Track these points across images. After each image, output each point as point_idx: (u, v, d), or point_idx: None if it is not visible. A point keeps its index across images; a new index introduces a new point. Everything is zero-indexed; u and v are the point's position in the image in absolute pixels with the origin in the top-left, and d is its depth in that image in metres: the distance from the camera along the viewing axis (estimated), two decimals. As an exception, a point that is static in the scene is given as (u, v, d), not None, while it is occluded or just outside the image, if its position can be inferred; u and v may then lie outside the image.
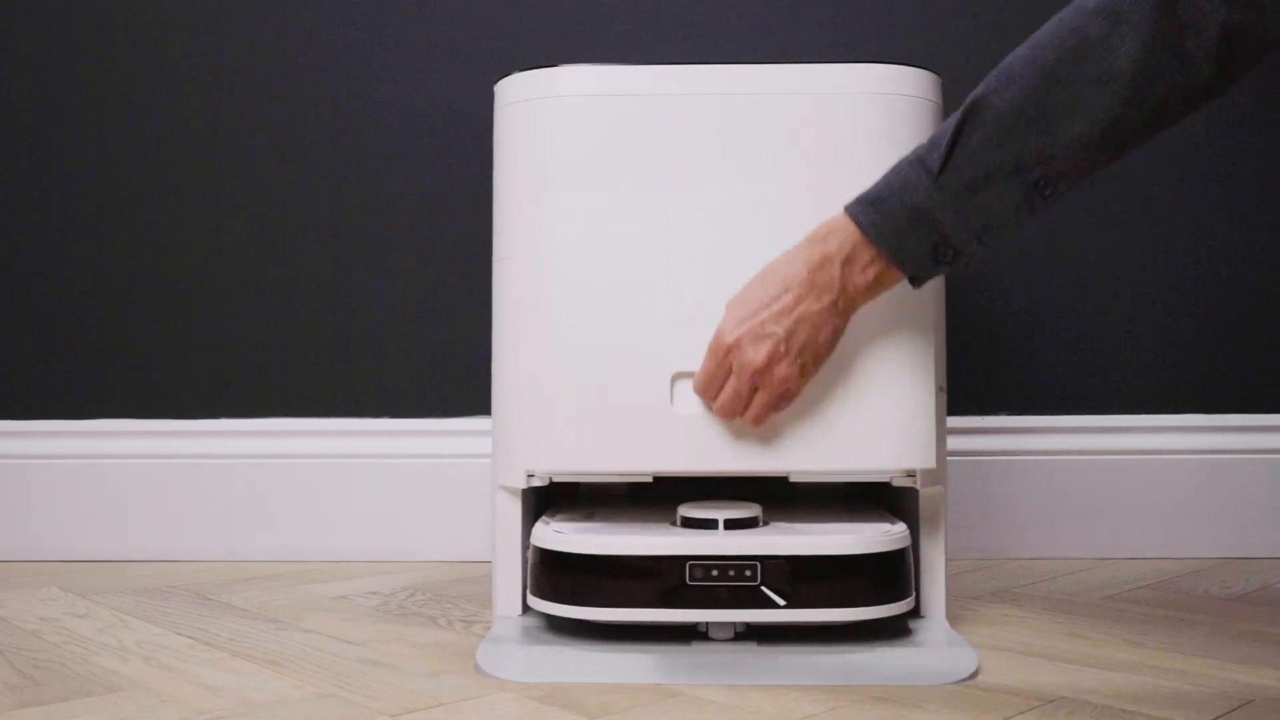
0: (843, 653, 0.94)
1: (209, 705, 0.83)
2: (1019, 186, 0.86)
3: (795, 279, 0.92)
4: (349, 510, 1.46)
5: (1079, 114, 0.83)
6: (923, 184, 0.87)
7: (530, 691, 0.86)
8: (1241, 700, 0.83)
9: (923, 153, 0.88)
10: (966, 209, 0.86)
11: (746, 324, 0.93)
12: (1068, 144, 0.84)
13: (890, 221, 0.88)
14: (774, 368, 0.93)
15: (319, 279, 1.50)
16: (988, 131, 0.85)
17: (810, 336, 0.92)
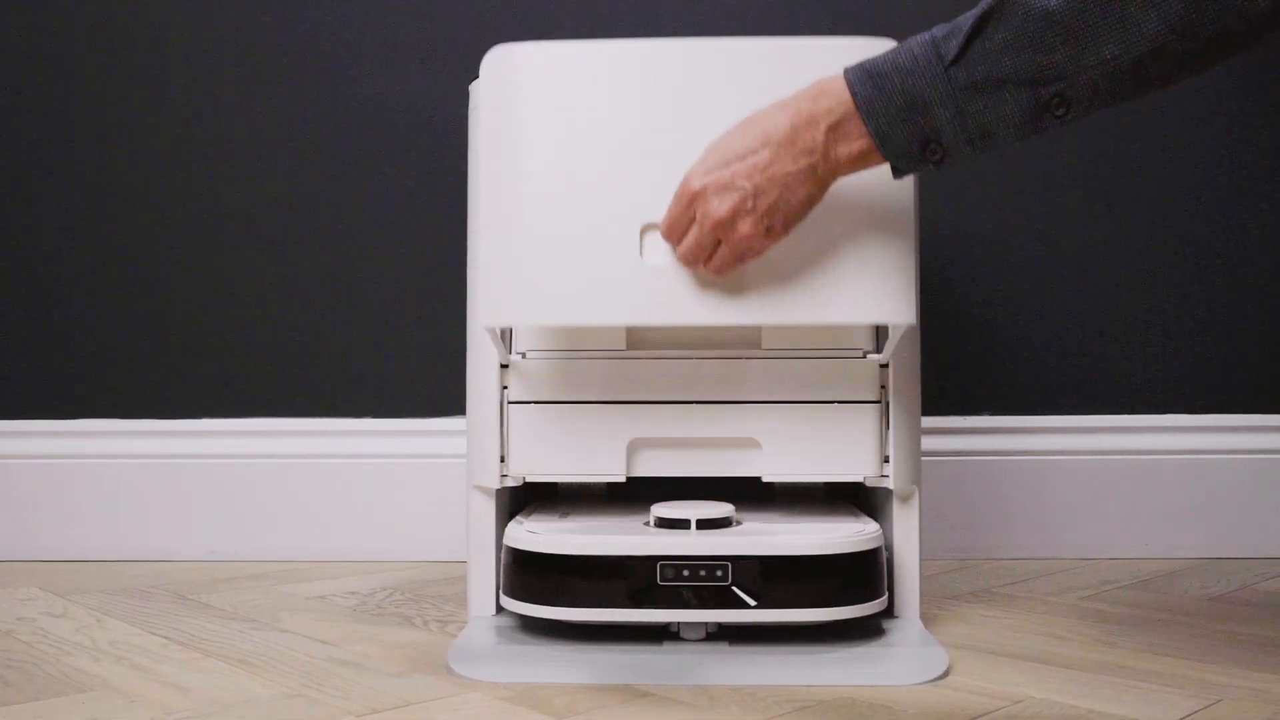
0: (814, 653, 0.94)
1: (176, 705, 0.83)
2: (1030, 99, 0.79)
3: (776, 133, 0.85)
4: (332, 510, 1.46)
5: (1118, 34, 0.76)
6: (931, 69, 0.80)
7: (499, 692, 0.86)
8: (1209, 700, 0.83)
9: (940, 36, 0.81)
10: (968, 110, 0.80)
11: (715, 173, 0.87)
12: (1096, 65, 0.77)
13: (885, 101, 0.82)
14: (737, 223, 0.87)
15: (301, 280, 1.50)
16: (1013, 31, 0.78)
17: (780, 198, 0.87)
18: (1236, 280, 1.49)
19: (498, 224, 0.99)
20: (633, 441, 1.02)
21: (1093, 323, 1.49)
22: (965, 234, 1.49)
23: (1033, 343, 1.49)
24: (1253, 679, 0.89)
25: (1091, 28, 0.77)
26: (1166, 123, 1.49)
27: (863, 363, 1.02)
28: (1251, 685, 0.87)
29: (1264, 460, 1.46)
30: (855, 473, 1.02)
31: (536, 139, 0.98)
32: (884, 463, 1.03)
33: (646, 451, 1.03)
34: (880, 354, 1.03)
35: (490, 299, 0.98)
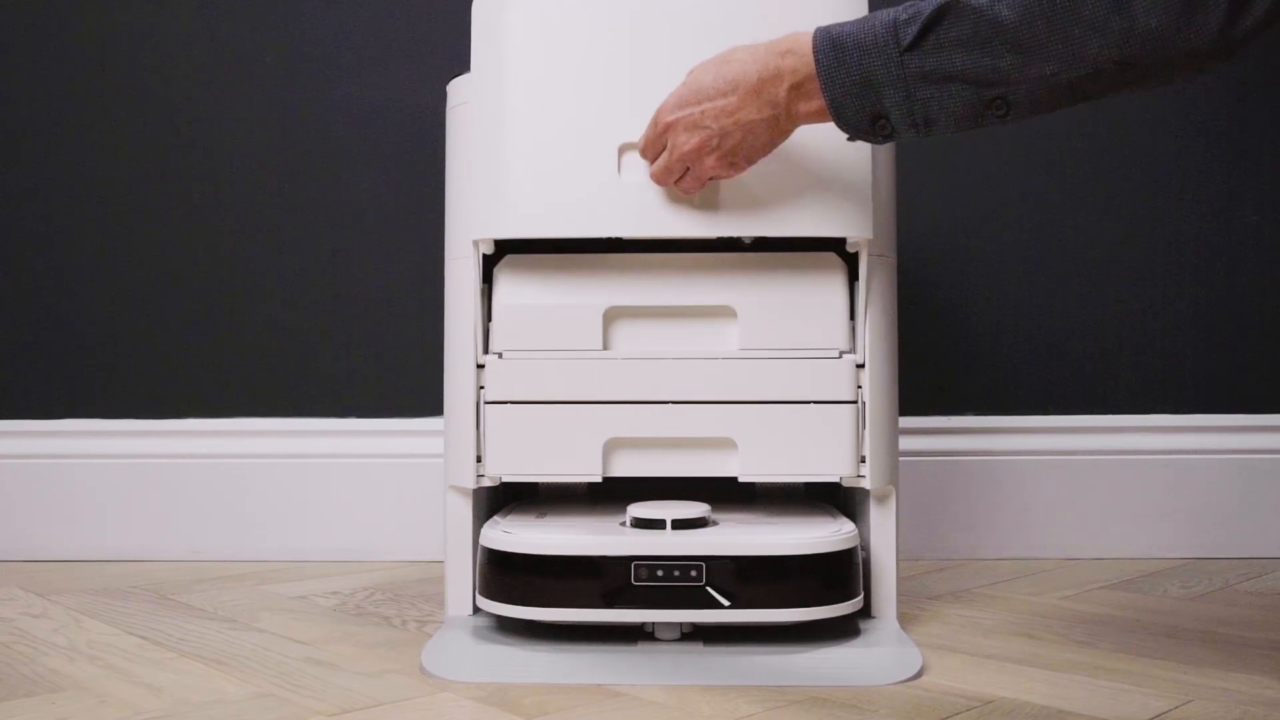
0: (788, 653, 0.94)
1: (146, 705, 0.83)
2: (973, 97, 0.83)
3: (744, 82, 0.90)
4: (315, 510, 1.46)
5: (1057, 55, 0.80)
6: (887, 51, 0.84)
7: (471, 692, 0.86)
8: (1180, 700, 0.83)
9: (902, 19, 0.84)
10: (915, 96, 0.84)
11: (687, 109, 0.93)
12: (1037, 78, 0.81)
13: (843, 74, 0.86)
14: (703, 158, 0.94)
15: (282, 281, 1.50)
16: (966, 31, 0.82)
17: (744, 141, 0.93)
18: (1220, 281, 1.49)
19: (485, 145, 1.03)
20: (609, 441, 1.02)
21: (1076, 324, 1.49)
22: (949, 234, 1.49)
23: (1016, 343, 1.49)
24: (1227, 679, 0.89)
25: (1037, 44, 0.80)
26: (1151, 122, 1.49)
27: (838, 362, 1.02)
28: (1225, 685, 0.87)
29: (1247, 460, 1.46)
30: (831, 473, 1.02)
31: (520, 61, 1.02)
32: (860, 463, 1.03)
33: (623, 451, 1.03)
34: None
35: (477, 213, 1.03)
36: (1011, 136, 1.48)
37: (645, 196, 1.00)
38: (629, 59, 1.01)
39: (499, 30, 1.03)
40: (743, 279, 1.04)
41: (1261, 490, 1.46)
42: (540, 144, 1.01)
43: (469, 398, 1.04)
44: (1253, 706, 0.82)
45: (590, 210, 1.00)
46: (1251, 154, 1.49)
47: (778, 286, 1.03)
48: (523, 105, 1.01)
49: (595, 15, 1.02)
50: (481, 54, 1.04)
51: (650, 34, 1.01)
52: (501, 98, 1.02)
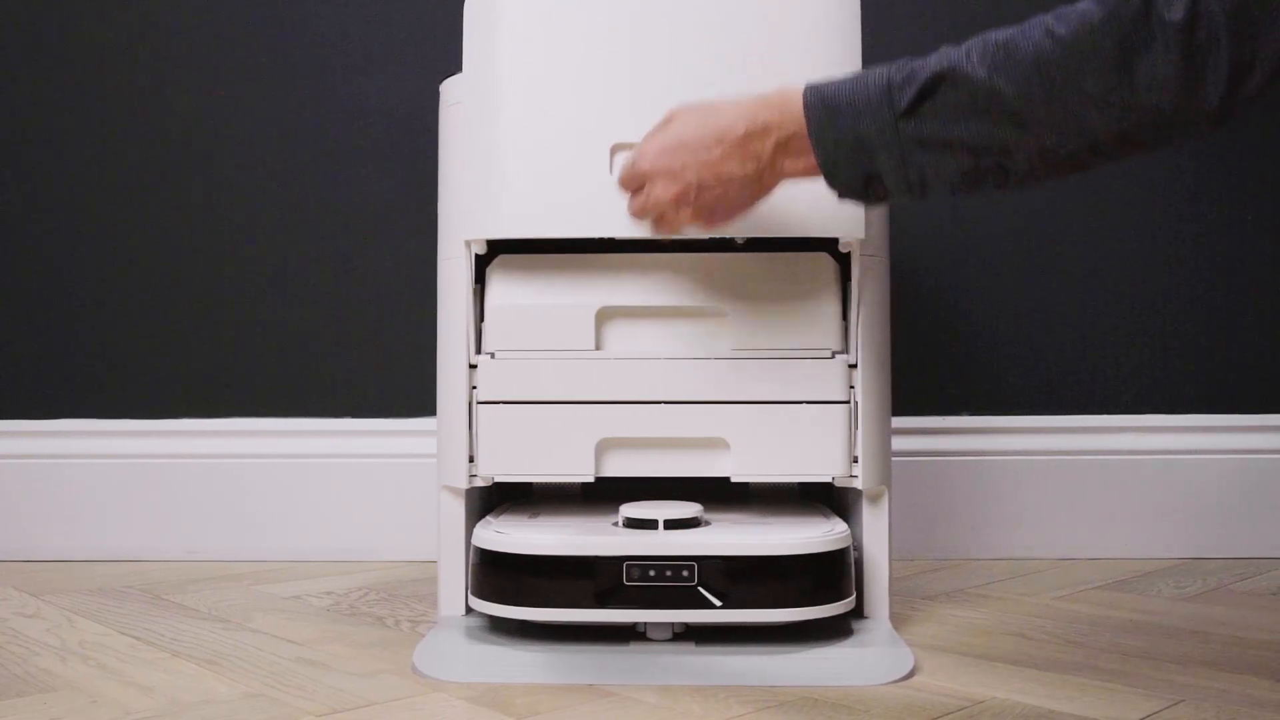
0: (780, 653, 0.94)
1: (138, 706, 0.83)
2: (970, 164, 0.81)
3: (729, 135, 0.87)
4: (311, 510, 1.46)
5: (1058, 127, 0.79)
6: (881, 115, 0.81)
7: (462, 692, 0.86)
8: (1170, 701, 0.83)
9: (896, 82, 0.82)
10: (911, 160, 0.82)
11: (666, 159, 0.90)
12: (1036, 150, 0.80)
13: (835, 135, 0.83)
14: (679, 209, 0.91)
15: (277, 281, 1.50)
16: (961, 101, 0.80)
17: (723, 195, 0.90)
18: (1213, 282, 1.49)
19: (478, 145, 1.03)
20: (601, 442, 1.02)
21: (1071, 324, 1.49)
22: (944, 236, 1.49)
23: (1011, 344, 1.49)
24: (1218, 679, 0.89)
25: (1036, 117, 0.79)
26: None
27: (831, 363, 1.02)
28: (1216, 686, 0.87)
29: (1242, 460, 1.46)
30: (823, 473, 1.02)
31: (513, 61, 1.02)
32: (853, 463, 1.03)
33: (615, 452, 1.03)
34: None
35: (469, 214, 1.03)
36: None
37: None
38: (622, 59, 1.01)
39: (491, 30, 1.03)
40: (735, 279, 1.04)
41: (1256, 490, 1.46)
42: (533, 144, 1.01)
43: (461, 398, 1.04)
44: (1244, 707, 0.82)
45: (583, 210, 1.00)
46: (1248, 153, 1.49)
47: (770, 287, 1.03)
48: (515, 105, 1.01)
49: (588, 15, 1.02)
50: (474, 54, 1.04)
51: (643, 34, 1.01)
52: (494, 98, 1.02)
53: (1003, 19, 0.89)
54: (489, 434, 1.03)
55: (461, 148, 1.05)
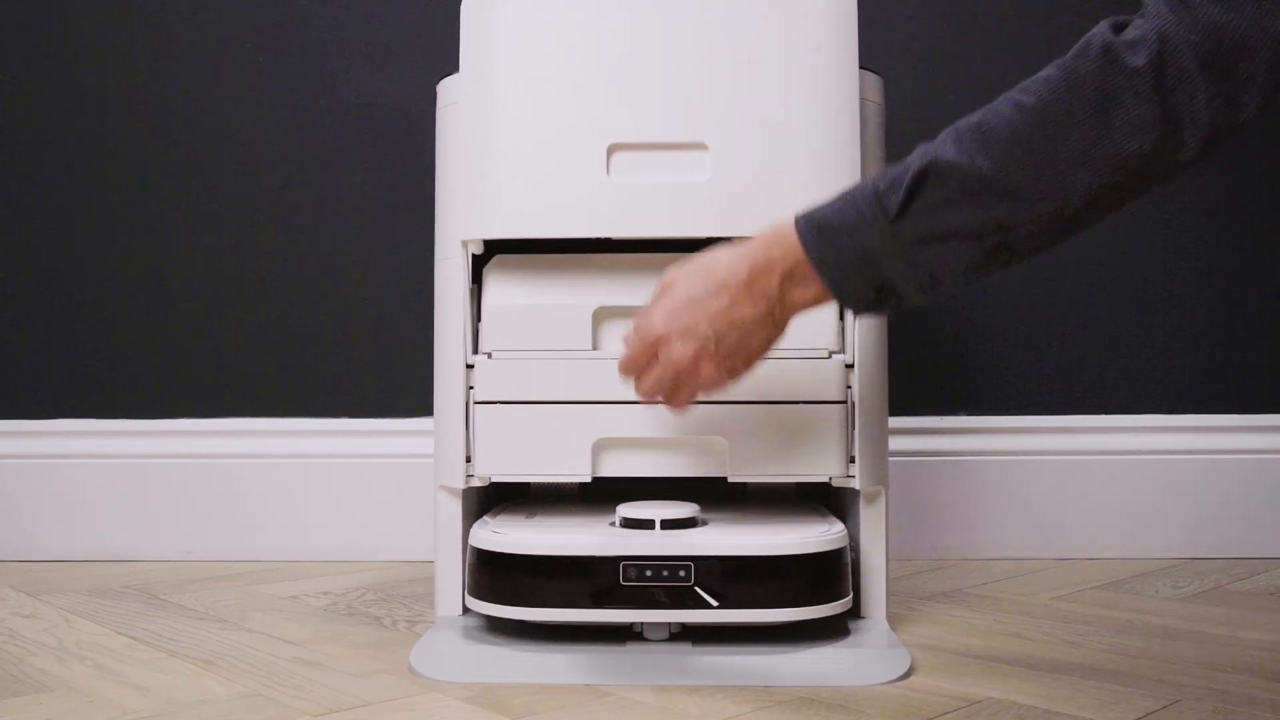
0: (776, 653, 0.94)
1: (134, 706, 0.83)
2: (975, 249, 0.81)
3: (734, 281, 0.87)
4: (309, 510, 1.46)
5: (1052, 192, 0.79)
6: (877, 224, 0.82)
7: (459, 692, 0.86)
8: (1167, 701, 0.83)
9: (882, 189, 0.82)
10: (917, 261, 0.82)
11: (679, 318, 0.88)
12: (1034, 219, 0.80)
13: (836, 255, 0.83)
14: (700, 367, 0.89)
15: (274, 281, 1.50)
16: (950, 192, 0.80)
17: (741, 341, 0.88)
18: (1212, 282, 1.49)
19: (475, 145, 1.03)
20: (598, 442, 1.02)
21: (1069, 324, 1.49)
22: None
23: (1008, 344, 1.49)
24: (1215, 679, 0.89)
25: (1026, 187, 0.79)
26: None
27: (828, 363, 1.02)
28: (1213, 686, 0.87)
29: (1240, 460, 1.46)
30: (820, 473, 1.02)
31: (509, 61, 1.02)
32: (850, 463, 1.03)
33: (612, 451, 1.03)
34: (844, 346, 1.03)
35: (466, 214, 1.03)
36: (1004, 136, 1.48)
37: (634, 197, 1.00)
38: (618, 59, 1.01)
39: (488, 30, 1.03)
40: (732, 279, 1.03)
41: (1254, 490, 1.46)
42: (529, 144, 1.01)
43: (458, 398, 1.04)
44: (1240, 706, 0.82)
45: (579, 210, 1.00)
46: (1246, 152, 1.49)
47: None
48: (511, 105, 1.01)
49: (584, 15, 1.02)
50: (470, 54, 1.04)
51: (640, 34, 1.01)
52: (490, 98, 1.02)
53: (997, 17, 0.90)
54: (486, 434, 1.03)
55: (458, 148, 1.05)
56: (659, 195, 1.00)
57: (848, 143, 1.01)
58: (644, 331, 0.91)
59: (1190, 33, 0.74)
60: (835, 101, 1.01)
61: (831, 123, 1.01)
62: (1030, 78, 0.80)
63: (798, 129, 1.00)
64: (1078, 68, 0.78)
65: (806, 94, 1.01)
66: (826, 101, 1.01)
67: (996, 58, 1.48)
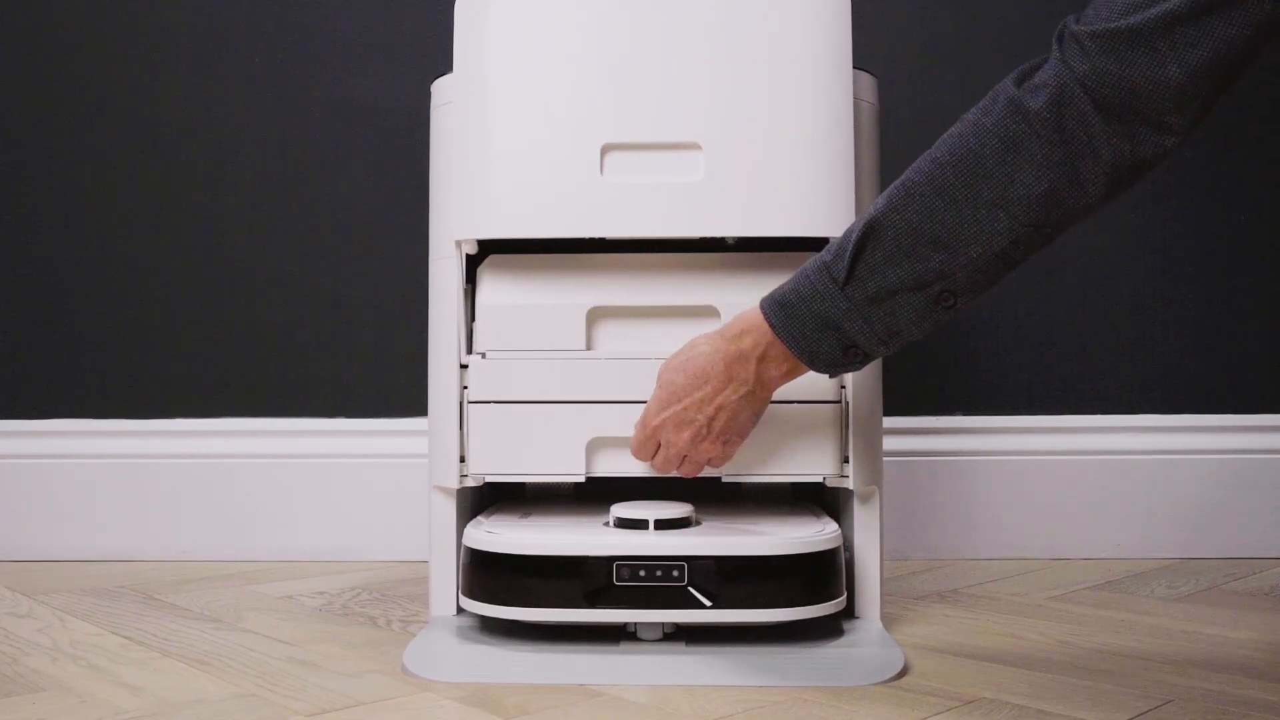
0: (770, 653, 0.94)
1: (126, 706, 0.83)
2: (921, 300, 0.88)
3: (713, 373, 0.95)
4: (305, 510, 1.46)
5: (976, 237, 0.85)
6: (829, 292, 0.89)
7: (452, 692, 0.86)
8: (1159, 701, 0.83)
9: (828, 260, 0.89)
10: (872, 318, 0.88)
11: (670, 409, 0.96)
12: (966, 264, 0.86)
13: (799, 325, 0.90)
14: (698, 446, 0.97)
15: (269, 281, 1.50)
16: (887, 250, 0.87)
17: (731, 419, 0.96)
18: (1208, 282, 1.49)
19: (469, 145, 1.03)
20: (592, 441, 1.02)
21: (1062, 324, 1.49)
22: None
23: (1003, 344, 1.49)
24: (1209, 680, 0.89)
25: (953, 235, 0.85)
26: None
27: (822, 363, 1.02)
28: (1207, 686, 0.87)
29: (1236, 460, 1.46)
30: (814, 473, 1.02)
31: (503, 60, 1.02)
32: (844, 463, 1.03)
33: (606, 451, 1.03)
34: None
35: (460, 214, 1.04)
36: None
37: (628, 196, 1.00)
38: (612, 59, 1.01)
39: (481, 30, 1.03)
40: (726, 279, 1.04)
41: (1250, 490, 1.46)
42: (523, 144, 1.01)
43: (452, 398, 1.04)
44: (1232, 706, 0.82)
45: (573, 210, 1.00)
46: (1247, 154, 1.49)
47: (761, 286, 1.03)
48: (505, 105, 1.01)
49: (578, 15, 1.02)
50: (464, 54, 1.04)
51: (633, 33, 1.01)
52: (484, 98, 1.02)
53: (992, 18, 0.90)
54: (480, 434, 1.03)
55: (452, 148, 1.05)
56: (653, 195, 1.00)
57: (841, 142, 1.01)
58: (644, 422, 0.99)
59: (1086, 79, 0.80)
60: (829, 101, 1.01)
61: (825, 122, 1.01)
62: (943, 135, 0.87)
63: (791, 129, 1.00)
64: (983, 120, 0.84)
65: (800, 94, 1.01)
66: (820, 101, 1.01)
67: (991, 57, 1.48)
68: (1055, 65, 0.83)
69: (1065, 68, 0.82)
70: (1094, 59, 0.80)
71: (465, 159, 1.03)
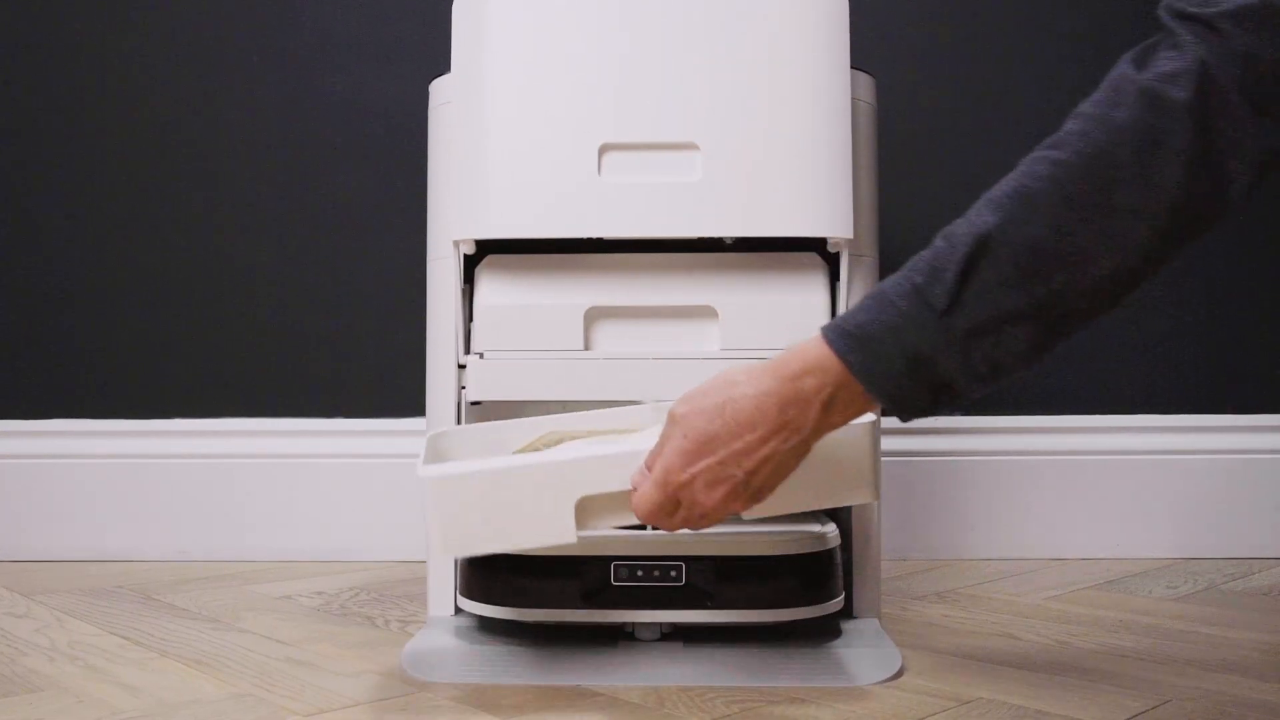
0: (768, 653, 0.94)
1: (124, 706, 0.83)
2: (1034, 329, 0.75)
3: (763, 418, 0.78)
4: (303, 510, 1.46)
5: (1109, 252, 0.73)
6: (923, 321, 0.74)
7: (449, 692, 0.86)
8: (1156, 701, 0.83)
9: (920, 282, 0.75)
10: (974, 352, 0.75)
11: (703, 462, 0.78)
12: (1091, 285, 0.74)
13: (885, 365, 0.75)
14: (729, 506, 0.80)
15: (270, 280, 1.50)
16: (1004, 271, 0.74)
17: (772, 474, 0.80)
18: (1208, 282, 1.49)
19: (466, 145, 1.03)
20: (591, 442, 1.02)
21: (1064, 323, 1.49)
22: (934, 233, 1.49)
23: (1004, 343, 1.49)
24: (1205, 680, 0.89)
25: (1082, 250, 0.74)
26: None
27: (820, 363, 1.02)
28: (1204, 686, 0.87)
29: (1236, 460, 1.46)
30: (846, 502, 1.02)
31: (500, 61, 1.02)
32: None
33: (604, 452, 1.03)
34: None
35: (458, 214, 1.03)
36: (1000, 134, 1.48)
37: (626, 197, 1.00)
38: (609, 59, 1.01)
39: (479, 30, 1.03)
40: (724, 279, 1.04)
41: (1250, 490, 1.46)
42: (521, 144, 1.01)
43: (450, 398, 1.04)
44: (1229, 706, 0.82)
45: (571, 210, 1.00)
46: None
47: (759, 287, 1.03)
48: (503, 105, 1.01)
49: (575, 15, 1.02)
50: (462, 54, 1.04)
51: (631, 34, 1.01)
52: (482, 98, 1.02)
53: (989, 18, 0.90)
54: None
55: (450, 148, 1.05)
56: (651, 195, 1.00)
57: (839, 143, 1.01)
58: (664, 479, 0.80)
59: (1228, 62, 0.71)
60: (827, 101, 1.01)
61: (823, 123, 1.01)
62: (1058, 133, 0.75)
63: (789, 129, 1.00)
64: (1113, 114, 0.73)
65: (798, 94, 1.01)
66: (818, 101, 1.01)
67: (988, 58, 1.48)
68: (1192, 48, 0.71)
69: (1202, 49, 0.71)
70: (1233, 37, 0.70)
71: (463, 159, 1.03)
